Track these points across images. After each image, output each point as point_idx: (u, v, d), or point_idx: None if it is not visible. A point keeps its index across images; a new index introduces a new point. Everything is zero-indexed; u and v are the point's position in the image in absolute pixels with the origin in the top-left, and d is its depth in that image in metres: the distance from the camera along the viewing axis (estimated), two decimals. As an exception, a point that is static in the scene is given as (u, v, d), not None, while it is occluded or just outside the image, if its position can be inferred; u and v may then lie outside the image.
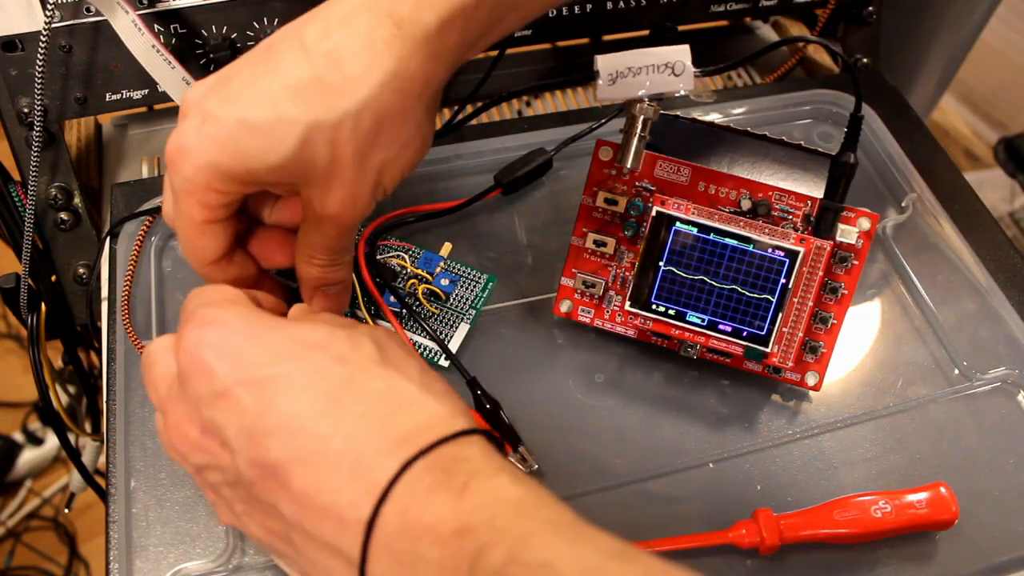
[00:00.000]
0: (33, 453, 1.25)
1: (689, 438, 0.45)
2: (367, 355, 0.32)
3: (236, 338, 0.32)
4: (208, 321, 0.32)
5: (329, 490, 0.29)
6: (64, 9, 0.49)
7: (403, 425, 0.30)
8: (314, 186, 0.35)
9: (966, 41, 0.79)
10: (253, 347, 0.31)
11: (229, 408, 0.30)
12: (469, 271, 0.50)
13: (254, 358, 0.31)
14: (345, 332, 0.32)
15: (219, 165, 0.33)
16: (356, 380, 0.31)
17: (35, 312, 0.53)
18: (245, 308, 0.33)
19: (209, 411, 0.31)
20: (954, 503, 0.40)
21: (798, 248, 0.43)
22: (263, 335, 0.32)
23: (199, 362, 0.31)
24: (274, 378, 0.30)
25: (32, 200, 0.50)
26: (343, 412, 0.30)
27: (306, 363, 0.31)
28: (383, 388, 0.31)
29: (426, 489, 0.28)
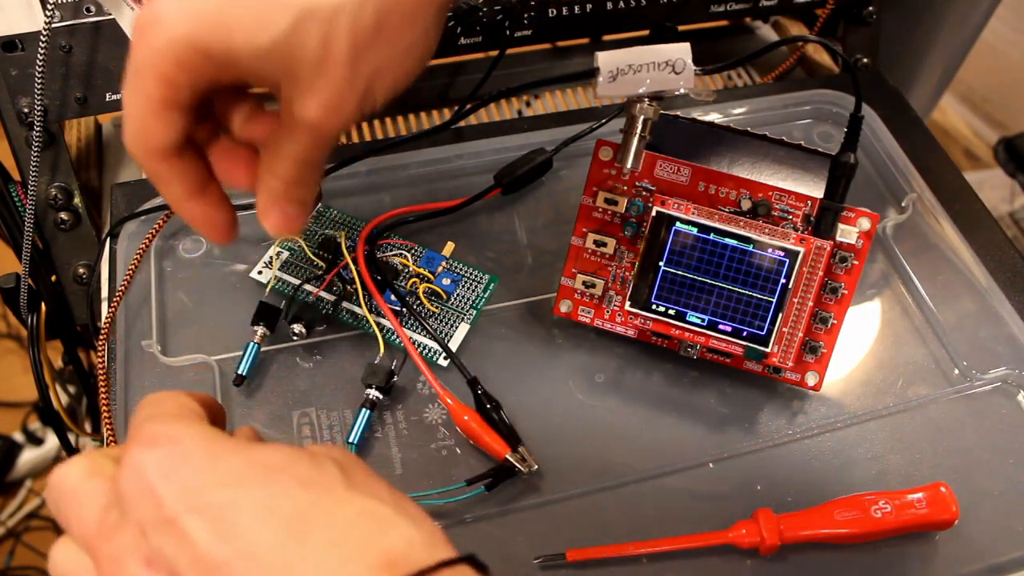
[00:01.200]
0: (33, 453, 1.25)
1: (689, 438, 0.45)
2: (332, 477, 0.28)
3: (189, 459, 0.27)
4: (156, 440, 0.28)
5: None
6: (64, 9, 0.49)
7: (379, 549, 0.26)
8: (297, 83, 0.31)
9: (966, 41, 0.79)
10: (208, 469, 0.27)
11: (181, 537, 0.26)
12: (471, 271, 0.50)
13: (209, 481, 0.27)
14: (307, 454, 0.29)
15: (196, 40, 0.30)
16: (323, 504, 0.27)
17: (35, 312, 0.53)
18: (200, 426, 0.29)
19: (158, 540, 0.26)
20: (954, 503, 0.40)
21: (798, 248, 0.43)
22: (219, 456, 0.28)
23: (146, 485, 0.27)
24: (232, 503, 0.26)
25: (32, 200, 0.50)
26: (311, 539, 0.26)
27: (267, 487, 0.27)
28: (354, 511, 0.27)
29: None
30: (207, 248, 0.51)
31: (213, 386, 0.45)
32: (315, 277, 0.48)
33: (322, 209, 0.52)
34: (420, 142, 0.55)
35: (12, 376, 1.32)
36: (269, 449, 0.28)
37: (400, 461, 0.43)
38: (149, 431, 0.28)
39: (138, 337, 0.47)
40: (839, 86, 0.59)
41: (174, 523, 0.26)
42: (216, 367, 0.46)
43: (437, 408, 0.45)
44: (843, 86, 0.59)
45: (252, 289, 0.49)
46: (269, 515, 0.26)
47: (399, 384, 0.46)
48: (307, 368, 0.46)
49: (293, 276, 0.49)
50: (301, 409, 0.45)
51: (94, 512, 0.28)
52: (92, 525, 0.28)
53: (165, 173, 0.33)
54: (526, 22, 0.57)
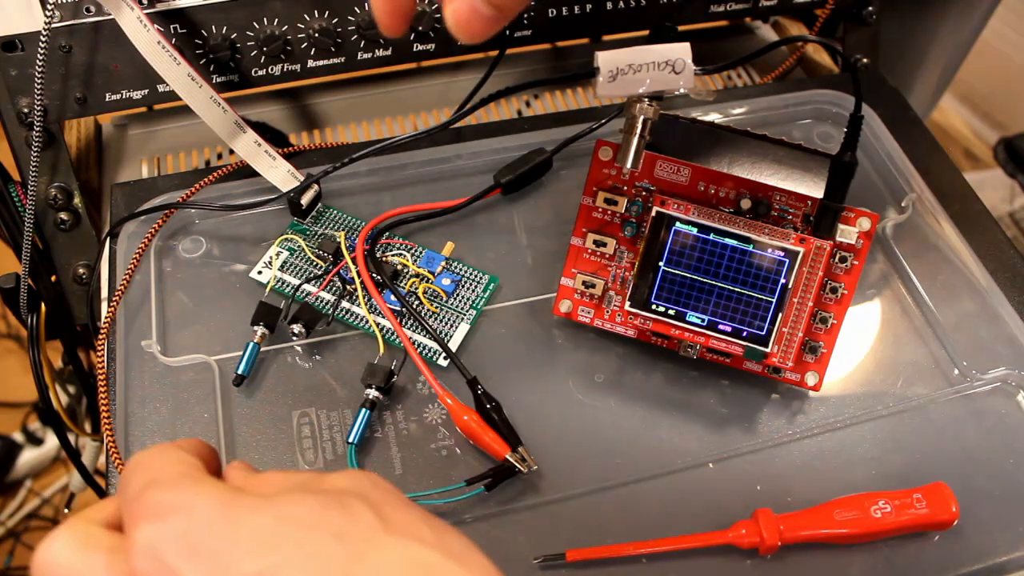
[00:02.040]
0: (33, 453, 1.25)
1: (689, 438, 0.45)
2: (369, 524, 0.25)
3: (209, 528, 0.24)
4: (165, 509, 0.25)
5: None
6: (64, 9, 0.49)
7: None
8: None
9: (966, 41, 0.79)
10: (233, 537, 0.24)
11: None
12: (471, 271, 0.50)
13: (238, 551, 0.24)
14: (335, 500, 0.26)
15: None
16: (367, 559, 0.24)
17: (35, 312, 0.53)
18: (209, 485, 0.26)
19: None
20: (954, 503, 0.40)
21: (798, 248, 0.43)
22: (241, 520, 0.25)
23: (166, 568, 0.23)
24: (269, 572, 0.23)
25: (32, 200, 0.50)
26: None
27: (302, 548, 0.24)
28: (401, 562, 0.25)
29: None
30: (207, 248, 0.51)
31: (213, 386, 0.45)
32: (315, 277, 0.48)
33: (322, 209, 0.52)
34: (420, 142, 0.55)
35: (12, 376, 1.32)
36: (294, 502, 0.26)
37: (400, 461, 0.43)
38: (153, 501, 0.25)
39: (138, 337, 0.47)
40: (839, 86, 0.59)
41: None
42: (216, 367, 0.46)
43: (437, 408, 0.45)
44: (843, 86, 0.59)
45: (252, 289, 0.49)
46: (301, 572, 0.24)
47: (399, 384, 0.46)
48: (307, 368, 0.46)
49: (293, 276, 0.49)
50: (301, 409, 0.45)
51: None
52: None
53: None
54: (526, 22, 0.57)
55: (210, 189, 0.52)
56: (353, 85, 0.66)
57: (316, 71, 0.55)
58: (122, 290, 0.48)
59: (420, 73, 0.67)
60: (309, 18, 0.53)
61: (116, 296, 0.48)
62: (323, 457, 0.43)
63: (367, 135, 0.63)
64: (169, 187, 0.53)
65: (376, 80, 0.66)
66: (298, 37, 0.53)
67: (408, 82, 0.66)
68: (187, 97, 0.49)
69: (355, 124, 0.64)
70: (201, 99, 0.49)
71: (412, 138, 0.55)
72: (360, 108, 0.65)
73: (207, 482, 0.26)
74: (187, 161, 0.61)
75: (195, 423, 0.44)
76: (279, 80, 0.55)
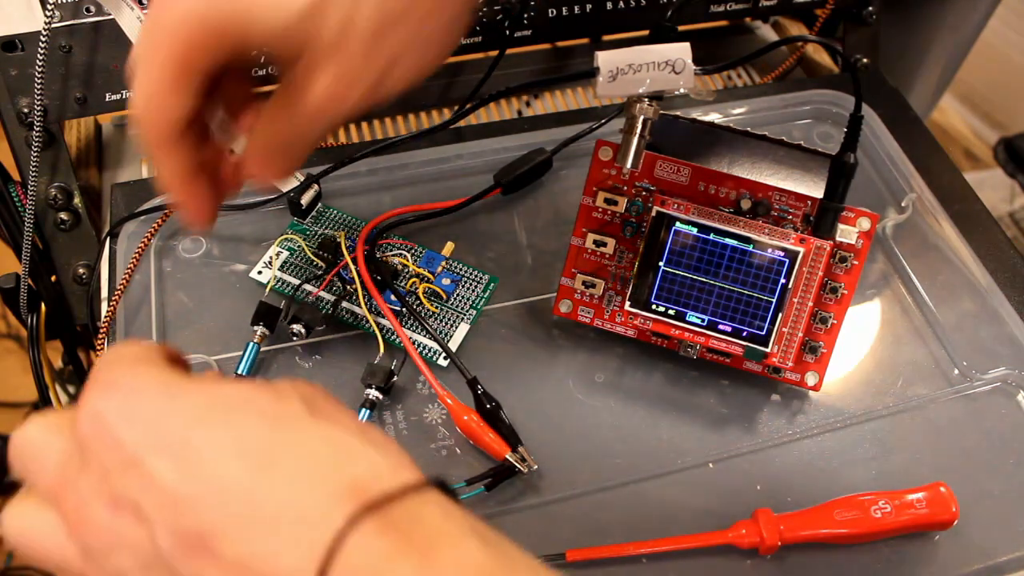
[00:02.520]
0: (33, 453, 1.25)
1: (689, 438, 0.45)
2: (296, 409, 0.28)
3: (148, 402, 0.27)
4: (113, 385, 0.28)
5: (268, 555, 0.25)
6: (64, 9, 0.49)
7: (345, 476, 0.26)
8: (312, 58, 0.30)
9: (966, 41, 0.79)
10: (169, 409, 0.27)
11: (145, 477, 0.26)
12: (471, 271, 0.50)
13: (171, 421, 0.27)
14: (269, 388, 0.28)
15: (210, 16, 0.29)
16: (287, 436, 0.27)
17: (35, 312, 0.53)
18: (157, 369, 0.29)
19: (122, 482, 0.26)
20: (954, 503, 0.40)
21: (798, 248, 0.43)
22: (178, 396, 0.27)
23: (105, 429, 0.27)
24: (195, 440, 0.26)
25: (32, 200, 0.50)
26: (277, 470, 0.26)
27: (230, 422, 0.27)
28: (319, 442, 0.27)
29: (383, 555, 0.24)
30: (207, 248, 0.51)
31: (213, 386, 0.45)
32: (315, 277, 0.48)
33: (322, 209, 0.52)
34: (420, 142, 0.55)
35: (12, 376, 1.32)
36: (230, 385, 0.28)
37: (400, 461, 0.43)
38: (106, 377, 0.28)
39: (138, 337, 0.46)
40: (839, 86, 0.59)
41: (137, 464, 0.26)
42: (216, 367, 0.46)
43: (437, 408, 0.45)
44: (843, 86, 0.59)
45: (252, 289, 0.49)
46: (233, 449, 0.26)
47: (399, 384, 0.46)
48: (307, 368, 0.46)
49: (293, 276, 0.49)
50: (301, 409, 0.45)
51: (55, 463, 0.28)
52: (54, 475, 0.28)
53: (169, 149, 0.33)
54: (526, 22, 0.57)
55: (210, 189, 0.52)
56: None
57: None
58: (121, 290, 0.48)
59: (420, 73, 0.67)
60: (309, 18, 0.53)
61: (116, 296, 0.48)
62: (323, 457, 0.43)
63: (367, 135, 0.63)
64: (169, 187, 0.52)
65: (376, 80, 0.66)
66: (298, 37, 0.53)
67: (408, 82, 0.66)
68: (187, 97, 0.49)
69: (355, 124, 0.63)
70: (201, 99, 0.49)
71: (412, 138, 0.55)
72: (360, 108, 0.65)
73: (160, 367, 0.28)
74: (187, 161, 0.61)
75: (195, 423, 0.44)
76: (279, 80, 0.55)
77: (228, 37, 0.29)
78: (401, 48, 0.31)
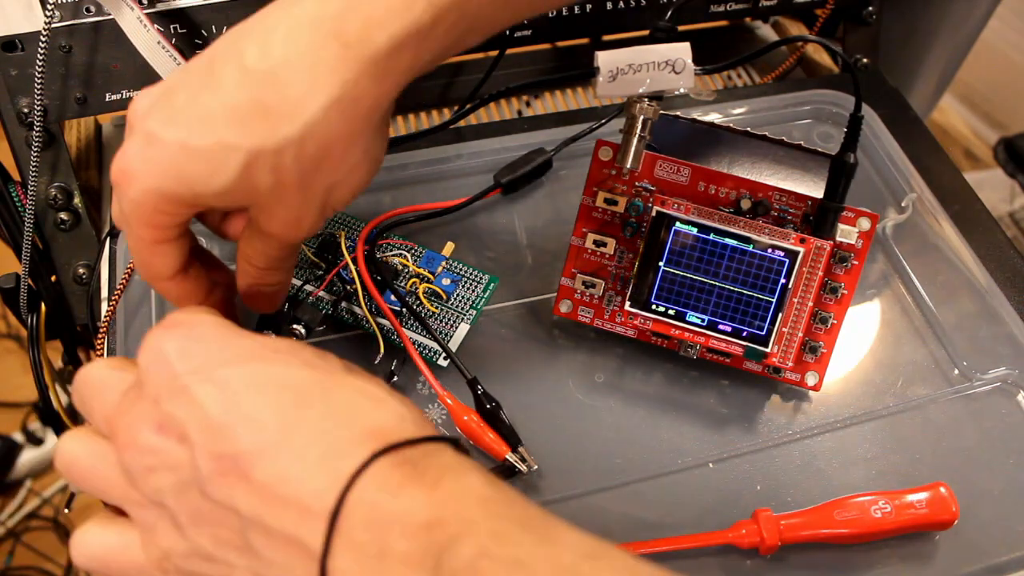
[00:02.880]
0: (33, 453, 1.25)
1: (689, 438, 0.45)
2: (334, 364, 0.32)
3: (202, 339, 0.31)
4: (174, 323, 0.32)
5: (293, 479, 0.28)
6: (64, 9, 0.49)
7: (373, 420, 0.29)
8: (258, 208, 0.35)
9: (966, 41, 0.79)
10: (220, 348, 0.31)
11: (191, 403, 0.29)
12: (471, 271, 0.50)
13: (219, 357, 0.30)
14: (314, 347, 0.32)
15: (163, 190, 0.32)
16: (324, 382, 0.30)
17: (35, 312, 0.53)
18: (215, 318, 0.33)
19: (169, 406, 0.30)
20: (954, 503, 0.40)
21: (798, 248, 0.43)
22: (231, 339, 0.31)
23: (162, 359, 0.30)
24: (240, 376, 0.30)
25: (32, 200, 0.50)
26: (311, 407, 0.29)
27: (273, 364, 0.30)
28: (351, 390, 0.30)
29: (396, 483, 0.27)
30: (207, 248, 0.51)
31: (213, 386, 0.45)
32: (315, 277, 0.48)
33: (322, 209, 0.52)
34: (420, 142, 0.55)
35: (12, 376, 1.32)
36: (279, 339, 0.32)
37: (400, 461, 0.43)
38: (172, 318, 0.32)
39: (138, 337, 0.46)
40: (839, 86, 0.59)
41: (185, 391, 0.29)
42: (216, 367, 0.46)
43: (437, 408, 0.45)
44: (843, 86, 0.59)
45: (252, 289, 0.49)
46: (272, 387, 0.30)
47: (399, 384, 0.46)
48: (307, 368, 0.46)
49: (293, 276, 0.49)
50: (301, 409, 0.45)
51: (115, 394, 0.31)
52: (112, 405, 0.31)
53: (175, 289, 0.37)
54: (526, 22, 0.57)
55: (210, 189, 0.52)
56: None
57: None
58: (121, 289, 0.48)
59: (420, 73, 0.67)
60: (309, 18, 0.53)
61: (116, 295, 0.48)
62: (323, 457, 0.43)
63: (367, 135, 0.63)
64: (169, 187, 0.52)
65: (376, 80, 0.66)
66: (298, 37, 0.53)
67: (408, 82, 0.66)
68: (187, 97, 0.49)
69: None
70: (201, 99, 0.49)
71: (412, 138, 0.55)
72: (360, 108, 0.65)
73: (214, 316, 0.33)
74: (187, 161, 0.61)
75: (195, 423, 0.44)
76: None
77: (183, 203, 0.33)
78: (331, 181, 0.35)
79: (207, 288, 0.39)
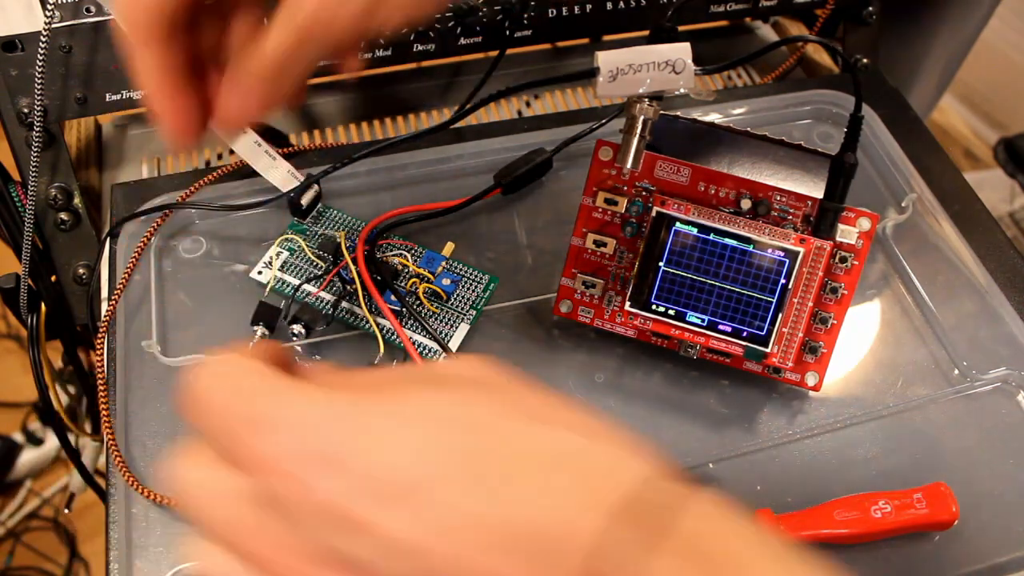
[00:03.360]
0: (33, 453, 1.25)
1: (689, 438, 0.45)
2: (507, 411, 0.23)
3: (324, 433, 0.22)
4: (267, 422, 0.22)
5: None
6: (64, 9, 0.49)
7: (585, 482, 0.22)
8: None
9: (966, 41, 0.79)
10: (352, 439, 0.22)
11: (362, 530, 0.21)
12: (471, 271, 0.50)
13: (367, 459, 0.21)
14: (460, 389, 0.24)
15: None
16: (517, 449, 0.22)
17: (35, 312, 0.53)
18: (309, 389, 0.23)
19: (329, 537, 0.22)
20: (954, 503, 0.40)
21: (798, 248, 0.43)
22: (350, 418, 0.22)
23: (291, 480, 0.22)
24: (407, 475, 0.21)
25: (32, 200, 0.50)
26: (512, 487, 0.22)
27: (450, 448, 0.22)
28: (551, 451, 0.23)
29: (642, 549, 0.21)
30: (207, 248, 0.51)
31: (213, 386, 0.45)
32: (315, 277, 0.48)
33: (322, 209, 0.52)
34: (420, 142, 0.55)
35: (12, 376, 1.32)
36: (415, 394, 0.23)
37: (400, 461, 0.43)
38: (247, 412, 0.23)
39: (138, 337, 0.46)
40: (839, 86, 0.59)
41: (347, 515, 0.21)
42: (216, 367, 0.46)
43: (437, 408, 0.45)
44: (843, 86, 0.59)
45: (252, 289, 0.49)
46: (460, 476, 0.21)
47: (399, 384, 0.46)
48: (307, 368, 0.46)
49: (293, 276, 0.49)
50: (301, 409, 0.45)
51: (225, 512, 0.23)
52: (228, 526, 0.23)
53: (149, 42, 0.30)
54: (526, 22, 0.57)
55: (210, 189, 0.52)
56: (353, 85, 0.66)
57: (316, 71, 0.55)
58: (122, 285, 0.48)
59: (420, 73, 0.67)
60: (309, 18, 0.53)
61: (116, 292, 0.48)
62: (323, 457, 0.43)
63: (367, 135, 0.63)
64: (169, 187, 0.53)
65: (376, 80, 0.66)
66: (298, 37, 0.53)
67: (408, 82, 0.66)
68: (187, 97, 0.49)
69: (355, 124, 0.63)
70: (201, 99, 0.49)
71: (412, 138, 0.55)
72: (360, 108, 0.65)
73: (304, 386, 0.23)
74: (187, 161, 0.61)
75: (195, 423, 0.44)
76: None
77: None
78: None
79: (178, 72, 0.32)
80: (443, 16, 0.55)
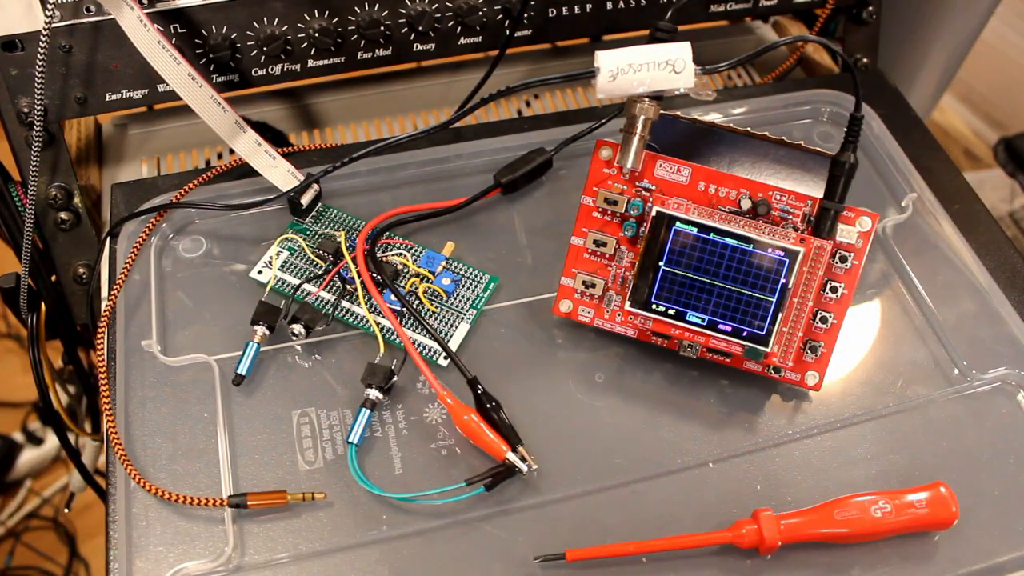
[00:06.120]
0: (33, 453, 1.25)
1: (689, 438, 0.45)
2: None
3: None
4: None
5: None
6: (64, 9, 0.49)
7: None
8: None
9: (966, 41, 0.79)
10: None
11: None
12: (471, 271, 0.50)
13: None
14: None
15: None
16: None
17: (35, 312, 0.53)
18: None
19: None
20: (954, 503, 0.40)
21: (798, 248, 0.43)
22: None
23: None
24: None
25: (32, 200, 0.50)
26: None
27: None
28: None
29: None
30: (207, 248, 0.51)
31: (213, 386, 0.45)
32: (315, 277, 0.48)
33: (322, 209, 0.52)
34: (420, 142, 0.55)
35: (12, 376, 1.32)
36: None
37: (400, 461, 0.43)
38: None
39: (138, 337, 0.47)
40: (839, 86, 0.59)
41: None
42: (216, 367, 0.46)
43: (437, 408, 0.45)
44: (843, 86, 0.59)
45: (252, 289, 0.49)
46: None
47: (399, 384, 0.46)
48: (307, 368, 0.46)
49: (293, 276, 0.49)
50: (301, 409, 0.45)
51: None
52: None
53: None
54: (526, 22, 0.57)
55: (210, 189, 0.52)
56: (353, 85, 0.66)
57: (316, 71, 0.55)
58: (121, 282, 0.48)
59: (420, 73, 0.67)
60: (309, 18, 0.53)
61: (115, 290, 0.48)
62: (323, 457, 0.43)
63: (367, 135, 0.63)
64: (169, 187, 0.53)
65: (376, 80, 0.66)
66: (298, 37, 0.53)
67: (408, 82, 0.66)
68: (187, 97, 0.49)
69: (355, 124, 0.64)
70: (201, 99, 0.49)
71: (412, 138, 0.55)
72: (360, 108, 0.65)
73: None
74: (187, 161, 0.61)
75: (195, 423, 0.44)
76: (279, 80, 0.55)
77: None
78: None
79: None
80: (443, 16, 0.55)
